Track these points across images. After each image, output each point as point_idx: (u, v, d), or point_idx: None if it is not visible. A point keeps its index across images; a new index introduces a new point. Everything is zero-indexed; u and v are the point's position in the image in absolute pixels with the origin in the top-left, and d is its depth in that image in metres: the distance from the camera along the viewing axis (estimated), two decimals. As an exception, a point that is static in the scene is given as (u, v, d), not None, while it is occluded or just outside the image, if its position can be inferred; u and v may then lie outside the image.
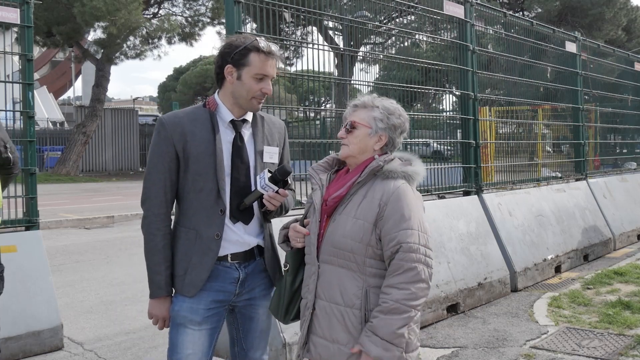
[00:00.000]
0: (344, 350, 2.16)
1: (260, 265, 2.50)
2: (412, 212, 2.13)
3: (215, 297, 2.40)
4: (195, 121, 2.38)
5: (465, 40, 6.61)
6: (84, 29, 23.08)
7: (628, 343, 4.44)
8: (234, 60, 2.34)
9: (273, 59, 2.37)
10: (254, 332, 2.56)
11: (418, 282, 2.08)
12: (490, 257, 5.99)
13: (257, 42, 2.33)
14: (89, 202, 15.93)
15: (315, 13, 5.10)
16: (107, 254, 8.91)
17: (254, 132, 2.47)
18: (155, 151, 2.38)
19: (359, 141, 2.26)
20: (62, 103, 49.13)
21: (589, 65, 9.71)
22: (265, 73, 2.36)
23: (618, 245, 8.52)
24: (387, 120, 2.26)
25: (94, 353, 4.62)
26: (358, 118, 2.28)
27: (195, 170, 2.35)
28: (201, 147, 2.34)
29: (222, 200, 2.36)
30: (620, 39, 31.69)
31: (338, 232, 2.19)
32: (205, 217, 2.36)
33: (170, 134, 2.34)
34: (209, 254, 2.36)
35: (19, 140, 4.86)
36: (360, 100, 2.32)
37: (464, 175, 6.59)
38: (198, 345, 2.40)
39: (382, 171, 2.21)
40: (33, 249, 4.60)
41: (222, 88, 2.43)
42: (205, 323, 2.40)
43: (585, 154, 9.10)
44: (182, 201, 2.42)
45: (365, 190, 2.21)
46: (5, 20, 4.67)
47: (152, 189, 2.38)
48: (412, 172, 2.23)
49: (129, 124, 31.92)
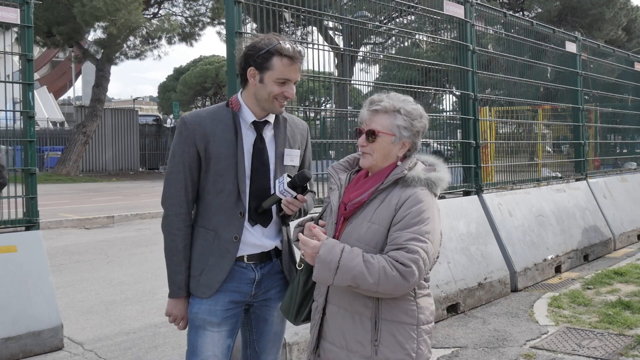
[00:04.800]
0: (353, 357, 2.10)
1: (277, 266, 2.47)
2: (424, 217, 2.03)
3: (232, 298, 2.38)
4: (218, 121, 2.35)
5: (465, 40, 6.61)
6: (84, 29, 23.07)
7: (628, 343, 4.44)
8: (257, 63, 2.30)
9: (296, 62, 2.32)
10: (268, 334, 2.54)
11: (402, 277, 1.95)
12: (491, 257, 5.99)
13: (280, 46, 2.28)
14: (89, 202, 15.93)
15: (315, 13, 5.10)
16: (107, 254, 8.90)
17: (275, 133, 2.44)
18: (176, 150, 2.35)
19: (382, 149, 2.15)
20: (62, 103, 49.10)
21: (589, 65, 9.71)
22: (288, 77, 2.32)
23: (618, 245, 8.52)
24: (411, 127, 2.15)
25: (94, 353, 4.62)
26: (380, 126, 2.14)
27: (216, 171, 2.33)
28: (223, 147, 2.32)
29: (242, 203, 2.34)
30: (621, 39, 31.69)
31: (353, 236, 2.12)
32: (225, 219, 2.35)
33: (192, 134, 2.32)
34: (227, 255, 2.34)
35: (19, 140, 4.87)
36: (381, 105, 2.16)
37: (464, 176, 6.59)
38: (218, 346, 2.38)
39: (404, 179, 2.12)
40: (33, 249, 4.60)
41: (245, 89, 2.40)
42: (224, 324, 2.38)
43: (585, 154, 9.10)
44: (201, 201, 2.39)
45: (384, 196, 2.13)
46: (5, 20, 4.67)
47: (172, 188, 2.36)
48: (436, 178, 2.13)
49: (129, 124, 31.89)
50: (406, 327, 2.08)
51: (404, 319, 2.09)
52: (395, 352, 2.07)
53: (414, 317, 2.10)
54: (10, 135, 5.12)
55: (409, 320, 2.09)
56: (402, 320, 2.08)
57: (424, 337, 2.10)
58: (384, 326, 2.08)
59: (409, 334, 2.08)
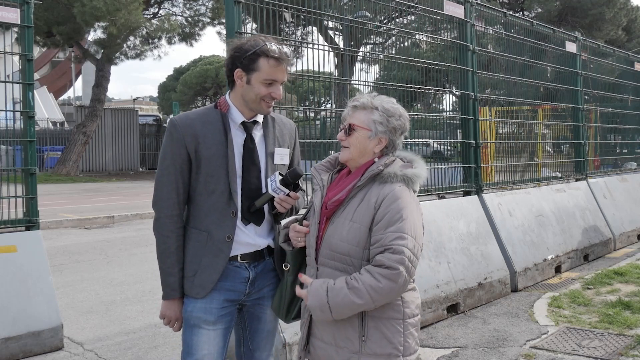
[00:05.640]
0: (342, 353, 2.16)
1: (269, 265, 2.50)
2: (404, 214, 2.09)
3: (227, 297, 2.40)
4: (207, 123, 2.37)
5: (466, 40, 6.61)
6: (84, 29, 23.06)
7: (628, 343, 4.44)
8: (243, 65, 2.33)
9: (283, 63, 2.34)
10: (261, 332, 2.56)
11: (392, 282, 2.02)
12: (491, 257, 5.99)
13: (266, 47, 2.29)
14: (89, 202, 15.93)
15: (315, 13, 5.10)
16: (107, 254, 8.90)
17: (265, 133, 2.46)
18: (167, 152, 2.36)
19: (358, 144, 2.22)
20: (62, 103, 49.10)
21: (589, 65, 9.71)
22: (275, 78, 2.34)
23: (618, 245, 8.52)
24: (387, 123, 2.21)
25: (94, 353, 4.63)
26: (357, 120, 2.23)
27: (207, 172, 2.34)
28: (213, 149, 2.34)
29: (234, 203, 2.36)
30: (621, 39, 31.69)
31: (335, 236, 2.17)
32: (217, 219, 2.36)
33: (182, 136, 2.33)
34: (220, 255, 2.36)
35: (19, 140, 4.87)
36: (359, 101, 2.25)
37: (464, 176, 6.59)
38: (213, 345, 2.39)
39: (381, 175, 2.18)
40: (33, 249, 4.60)
41: (232, 90, 2.42)
42: (220, 322, 2.40)
43: (585, 154, 9.10)
44: (193, 203, 2.41)
45: (364, 194, 2.18)
46: (6, 20, 4.67)
47: (164, 190, 2.37)
48: (412, 174, 2.19)
49: (129, 124, 31.88)
50: (392, 321, 2.14)
51: (390, 314, 2.14)
52: (382, 346, 2.12)
53: (399, 312, 2.15)
54: (10, 135, 5.12)
55: (395, 315, 2.14)
56: (388, 316, 2.13)
57: (410, 331, 2.14)
58: (371, 322, 2.13)
59: (395, 328, 2.13)
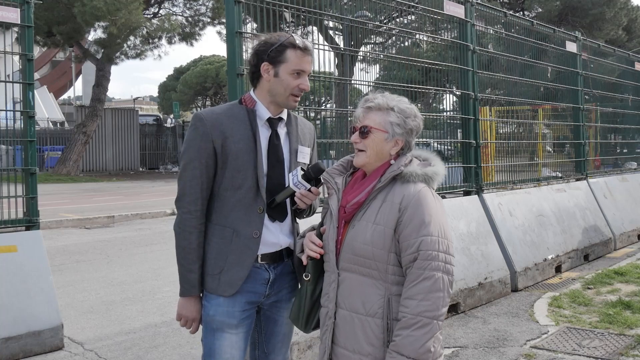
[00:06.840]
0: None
1: (288, 266, 2.46)
2: (432, 217, 2.05)
3: (248, 299, 2.36)
4: (233, 118, 2.36)
5: (466, 40, 6.60)
6: (84, 29, 23.04)
7: (628, 343, 4.44)
8: (271, 58, 2.33)
9: (309, 54, 2.37)
10: (277, 335, 2.52)
11: (437, 292, 2.00)
12: (491, 257, 5.99)
13: (293, 39, 2.33)
14: (90, 202, 15.93)
15: (315, 13, 5.09)
16: (107, 254, 8.90)
17: (288, 130, 2.47)
18: (192, 147, 2.33)
19: (375, 146, 2.17)
20: (63, 103, 49.10)
21: (590, 65, 9.71)
22: (303, 69, 2.35)
23: (618, 245, 8.52)
24: (404, 125, 2.17)
25: (94, 353, 4.63)
26: (373, 122, 2.17)
27: (235, 167, 2.31)
28: (241, 144, 2.32)
29: (261, 198, 2.34)
30: (621, 38, 31.66)
31: (358, 239, 2.11)
32: (244, 215, 2.33)
33: (210, 130, 2.30)
34: (248, 252, 2.32)
35: (19, 140, 4.87)
36: (375, 102, 2.19)
37: (465, 175, 6.59)
38: (236, 349, 2.36)
39: (402, 175, 2.13)
40: (33, 249, 4.60)
41: (258, 86, 2.41)
42: (242, 326, 2.36)
43: (585, 153, 9.10)
44: (217, 198, 2.36)
45: (385, 195, 2.13)
46: (6, 20, 4.67)
47: (188, 185, 2.33)
48: (432, 173, 2.15)
49: (130, 123, 31.86)
50: None
51: None
52: None
53: None
54: (10, 135, 5.12)
55: None
56: None
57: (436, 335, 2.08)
58: None
59: None
